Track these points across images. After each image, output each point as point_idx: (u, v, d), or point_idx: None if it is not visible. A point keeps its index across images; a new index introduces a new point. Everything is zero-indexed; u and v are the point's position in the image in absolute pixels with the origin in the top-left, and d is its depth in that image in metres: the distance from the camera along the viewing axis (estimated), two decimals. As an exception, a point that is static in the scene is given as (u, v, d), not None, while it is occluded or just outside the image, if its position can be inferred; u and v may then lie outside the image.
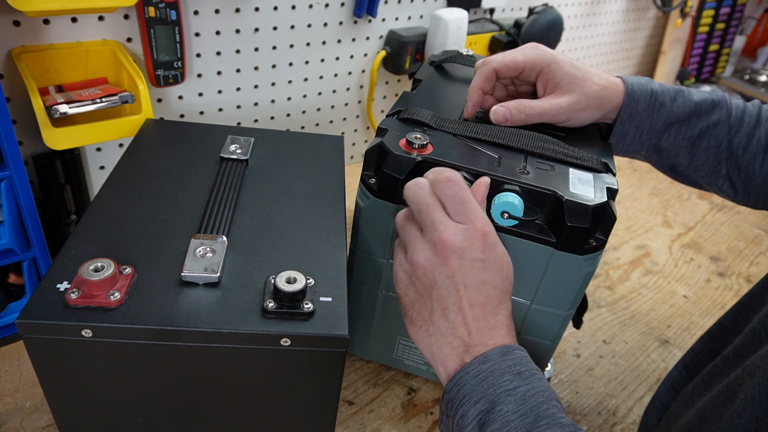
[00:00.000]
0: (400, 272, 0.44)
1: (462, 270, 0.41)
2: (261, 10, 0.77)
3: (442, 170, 0.44)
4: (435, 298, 0.42)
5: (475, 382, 0.38)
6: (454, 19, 0.89)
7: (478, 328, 0.40)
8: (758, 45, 1.68)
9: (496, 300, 0.41)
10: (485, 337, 0.40)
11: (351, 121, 0.99)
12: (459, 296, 0.41)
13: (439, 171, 0.44)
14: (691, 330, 0.76)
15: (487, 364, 0.39)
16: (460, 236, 0.41)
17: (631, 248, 0.92)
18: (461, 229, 0.42)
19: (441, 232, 0.41)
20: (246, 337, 0.39)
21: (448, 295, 0.41)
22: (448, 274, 0.41)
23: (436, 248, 0.41)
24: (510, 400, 0.37)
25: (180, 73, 0.71)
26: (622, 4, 1.36)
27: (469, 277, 0.41)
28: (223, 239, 0.45)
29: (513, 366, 0.39)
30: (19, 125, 0.64)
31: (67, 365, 0.39)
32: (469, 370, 0.39)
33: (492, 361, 0.39)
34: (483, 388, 0.38)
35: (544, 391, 0.38)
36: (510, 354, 0.39)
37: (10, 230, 0.54)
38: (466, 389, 0.38)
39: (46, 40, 0.63)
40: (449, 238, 0.41)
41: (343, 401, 0.59)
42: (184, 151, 0.57)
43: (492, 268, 0.42)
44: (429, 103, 0.57)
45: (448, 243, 0.41)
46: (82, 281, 0.38)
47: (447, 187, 0.43)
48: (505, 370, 0.38)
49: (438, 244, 0.41)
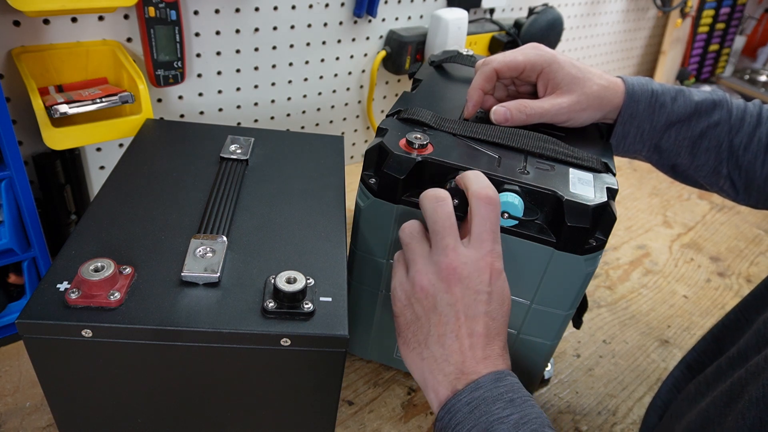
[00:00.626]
0: (398, 290, 0.44)
1: (465, 300, 0.41)
2: (261, 10, 0.77)
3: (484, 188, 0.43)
4: (433, 322, 0.41)
5: (467, 410, 0.38)
6: (454, 19, 0.89)
7: (473, 356, 0.40)
8: (758, 45, 1.68)
9: (494, 331, 0.41)
10: (479, 366, 0.40)
11: (351, 121, 0.99)
12: (458, 324, 0.40)
13: (482, 187, 0.43)
14: (691, 330, 0.76)
15: (479, 392, 0.39)
16: (470, 266, 0.41)
17: (631, 248, 0.92)
18: (472, 258, 0.41)
19: (451, 260, 0.41)
20: (246, 337, 0.39)
21: (447, 322, 0.41)
22: (450, 302, 0.41)
23: (442, 273, 0.41)
24: (503, 428, 0.37)
25: (180, 73, 0.71)
26: (622, 4, 1.36)
27: (471, 307, 0.41)
28: (223, 239, 0.45)
29: (505, 393, 0.39)
30: (19, 125, 0.64)
31: (67, 365, 0.39)
32: (461, 397, 0.39)
33: (484, 389, 0.39)
34: (475, 416, 0.38)
35: (536, 418, 0.38)
36: (502, 380, 0.39)
37: (10, 230, 0.54)
38: (458, 417, 0.38)
39: (46, 40, 0.63)
40: (458, 266, 0.41)
41: (343, 401, 0.59)
42: (184, 151, 0.57)
43: (495, 301, 0.41)
44: (429, 103, 0.57)
45: (456, 271, 0.41)
46: (82, 281, 0.38)
47: (485, 211, 0.42)
48: (497, 397, 0.38)
49: (445, 269, 0.41)
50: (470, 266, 0.41)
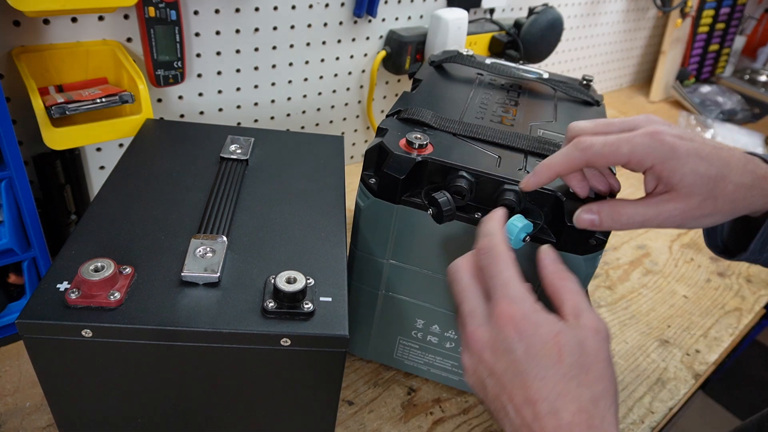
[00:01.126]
0: (464, 360, 0.40)
1: (499, 365, 0.37)
2: (261, 10, 0.77)
3: (482, 234, 0.41)
4: (491, 396, 0.38)
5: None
6: (454, 19, 0.89)
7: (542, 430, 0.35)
8: (758, 45, 1.68)
9: (553, 393, 0.35)
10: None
11: (351, 121, 0.99)
12: (510, 395, 0.36)
13: (483, 234, 0.40)
14: (691, 330, 0.76)
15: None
16: (487, 326, 0.38)
17: (631, 248, 0.92)
18: (487, 317, 0.38)
19: (468, 325, 0.39)
20: (246, 337, 0.39)
21: (500, 394, 0.37)
22: (489, 372, 0.38)
23: (470, 344, 0.38)
24: None
25: (180, 73, 0.71)
26: (622, 4, 1.36)
27: (510, 371, 0.36)
28: (223, 239, 0.45)
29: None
30: (19, 125, 0.64)
31: (67, 365, 0.39)
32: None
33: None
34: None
35: None
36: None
37: (10, 230, 0.54)
38: None
39: (46, 40, 0.63)
40: (475, 330, 0.38)
41: (343, 401, 0.59)
42: (184, 151, 0.57)
43: (535, 357, 0.36)
44: (429, 103, 0.57)
45: (476, 336, 0.38)
46: (82, 281, 0.38)
47: (481, 258, 0.39)
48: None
49: (469, 339, 0.38)
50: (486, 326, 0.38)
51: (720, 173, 0.40)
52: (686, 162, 0.40)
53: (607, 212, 0.42)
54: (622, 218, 0.42)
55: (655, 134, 0.40)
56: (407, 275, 0.53)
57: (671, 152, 0.40)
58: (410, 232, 0.50)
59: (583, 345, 0.36)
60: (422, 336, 0.57)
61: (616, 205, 0.42)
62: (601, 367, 0.36)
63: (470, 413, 0.60)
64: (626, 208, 0.42)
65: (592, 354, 0.36)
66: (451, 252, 0.50)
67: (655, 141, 0.40)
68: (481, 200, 0.48)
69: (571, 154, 0.42)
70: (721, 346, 0.74)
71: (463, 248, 0.49)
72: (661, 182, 0.41)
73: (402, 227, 0.50)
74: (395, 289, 0.55)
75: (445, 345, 0.57)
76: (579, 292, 0.40)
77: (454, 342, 0.57)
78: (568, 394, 0.35)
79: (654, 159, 0.40)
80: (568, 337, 0.36)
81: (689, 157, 0.40)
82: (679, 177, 0.40)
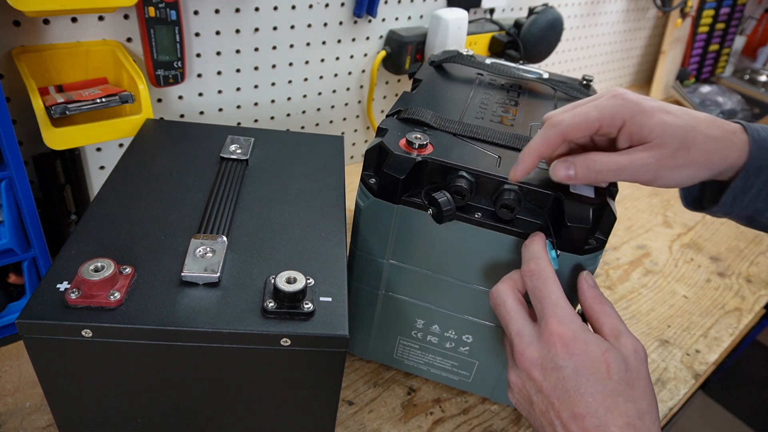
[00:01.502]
0: (511, 378, 0.43)
1: (547, 382, 0.38)
2: (261, 10, 0.77)
3: (529, 257, 0.42)
4: (538, 413, 0.39)
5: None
6: (454, 19, 0.89)
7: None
8: (758, 45, 1.68)
9: (602, 408, 0.36)
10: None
11: (351, 121, 0.99)
12: (557, 411, 0.38)
13: (529, 257, 0.42)
14: (691, 330, 0.76)
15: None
16: (536, 345, 0.39)
17: (631, 248, 0.92)
18: (537, 336, 0.40)
19: (516, 345, 0.40)
20: (246, 337, 0.39)
21: (547, 410, 0.38)
22: (537, 389, 0.39)
23: (519, 362, 0.40)
24: None
25: (180, 73, 0.71)
26: (622, 4, 1.36)
27: (558, 388, 0.38)
28: (223, 239, 0.45)
29: None
30: (19, 125, 0.64)
31: (67, 365, 0.39)
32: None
33: None
34: None
35: None
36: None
37: (10, 230, 0.54)
38: None
39: (46, 40, 0.63)
40: (524, 350, 0.40)
41: (343, 401, 0.59)
42: (184, 151, 0.57)
43: (584, 374, 0.37)
44: (429, 103, 0.57)
45: (525, 355, 0.39)
46: (82, 281, 0.38)
47: (528, 280, 0.41)
48: None
49: (518, 358, 0.40)
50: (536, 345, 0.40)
51: (688, 124, 0.41)
52: (653, 115, 0.41)
53: (581, 162, 0.43)
54: (596, 165, 0.42)
55: (618, 95, 0.42)
56: (407, 275, 0.53)
57: (637, 107, 0.41)
58: (410, 232, 0.50)
59: (627, 363, 0.38)
60: (422, 336, 0.57)
61: (590, 156, 0.43)
62: (644, 383, 0.38)
63: (470, 413, 0.60)
64: (600, 157, 0.42)
65: (635, 371, 0.38)
66: (451, 252, 0.50)
67: (620, 100, 0.42)
68: (481, 200, 0.48)
69: (546, 133, 0.43)
70: (721, 346, 0.74)
71: (463, 248, 0.49)
72: (633, 138, 0.42)
73: (402, 227, 0.50)
74: (395, 289, 0.55)
75: (445, 345, 0.57)
76: (616, 315, 0.42)
77: (454, 342, 0.57)
78: (616, 409, 0.36)
79: (623, 116, 0.41)
80: (615, 355, 0.38)
81: (655, 111, 0.41)
82: (648, 129, 0.41)
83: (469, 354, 0.57)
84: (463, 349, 0.57)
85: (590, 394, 0.36)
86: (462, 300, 0.53)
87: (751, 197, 0.43)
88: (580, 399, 0.37)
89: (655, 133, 0.41)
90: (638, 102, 0.42)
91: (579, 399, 0.37)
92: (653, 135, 0.41)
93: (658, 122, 0.41)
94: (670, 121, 0.41)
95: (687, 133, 0.41)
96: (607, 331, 0.41)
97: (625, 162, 0.42)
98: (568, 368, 0.38)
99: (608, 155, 0.42)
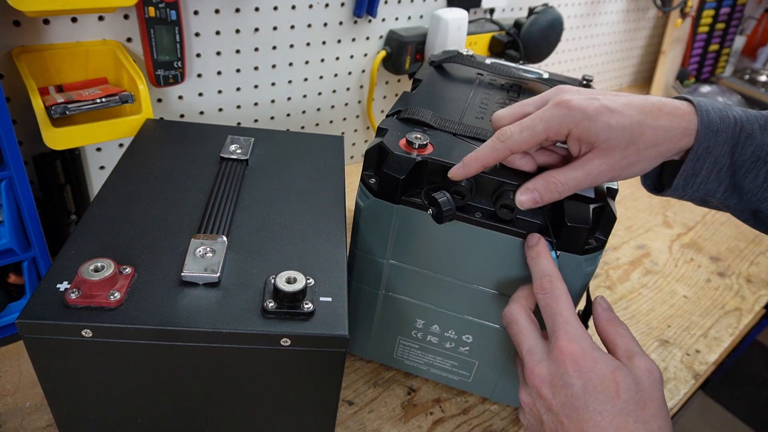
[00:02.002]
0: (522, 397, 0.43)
1: (557, 400, 0.38)
2: (261, 10, 0.77)
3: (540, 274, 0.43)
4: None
5: None
6: (454, 19, 0.89)
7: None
8: (758, 45, 1.68)
9: (611, 428, 0.36)
10: None
11: (351, 121, 0.99)
12: (566, 430, 0.38)
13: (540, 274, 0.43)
14: (691, 330, 0.76)
15: None
16: (545, 362, 0.39)
17: (631, 248, 0.92)
18: (547, 353, 0.40)
19: (527, 362, 0.40)
20: (246, 337, 0.39)
21: (556, 429, 0.38)
22: (546, 407, 0.39)
23: (529, 380, 0.40)
24: None
25: (180, 73, 0.71)
26: (622, 4, 1.36)
27: (567, 406, 0.38)
28: (223, 239, 0.45)
29: None
30: (19, 125, 0.64)
31: (67, 365, 0.39)
32: None
33: None
34: None
35: None
36: None
37: (10, 230, 0.54)
38: None
39: (46, 40, 0.63)
40: (534, 367, 0.40)
41: (343, 401, 0.59)
42: (184, 151, 0.57)
43: (593, 392, 0.37)
44: (429, 103, 0.57)
45: (535, 372, 0.40)
46: (82, 281, 0.38)
47: (540, 298, 0.41)
48: None
49: (528, 375, 0.40)
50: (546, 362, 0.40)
51: (634, 120, 0.41)
52: (597, 119, 0.41)
53: (542, 185, 0.43)
54: (558, 187, 0.43)
55: (561, 103, 0.42)
56: (407, 275, 0.53)
57: (581, 114, 0.42)
58: (410, 232, 0.50)
59: (638, 383, 0.38)
60: (422, 336, 0.57)
61: (548, 177, 0.43)
62: (657, 405, 0.37)
63: (470, 413, 0.60)
64: (558, 176, 0.43)
65: (647, 392, 0.38)
66: (451, 252, 0.50)
67: (563, 109, 0.42)
68: (481, 200, 0.48)
69: (495, 146, 0.44)
70: (721, 346, 0.74)
71: (463, 248, 0.49)
72: (582, 144, 0.43)
73: (402, 227, 0.50)
74: (395, 289, 0.55)
75: (445, 345, 0.57)
76: (631, 337, 0.43)
77: (454, 342, 0.57)
78: (625, 428, 0.36)
79: (568, 125, 0.42)
80: (625, 373, 0.38)
81: (599, 114, 0.41)
82: (594, 134, 0.42)
83: (469, 354, 0.57)
84: (463, 349, 0.57)
85: (599, 412, 0.36)
86: (462, 300, 0.53)
87: (702, 179, 0.44)
88: (589, 418, 0.36)
89: (602, 137, 0.42)
90: (582, 107, 0.42)
91: (588, 417, 0.36)
92: (600, 140, 0.42)
93: (603, 126, 0.41)
94: (614, 123, 0.41)
95: (633, 130, 0.41)
96: (621, 352, 0.41)
97: (581, 176, 0.43)
98: (576, 386, 0.37)
99: (565, 172, 0.43)
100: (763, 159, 0.42)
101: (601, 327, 0.44)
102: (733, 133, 0.42)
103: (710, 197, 0.45)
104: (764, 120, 0.43)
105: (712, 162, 0.43)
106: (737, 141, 0.42)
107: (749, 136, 0.42)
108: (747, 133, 0.42)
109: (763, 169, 0.42)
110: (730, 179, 0.44)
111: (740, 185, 0.44)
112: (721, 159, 0.43)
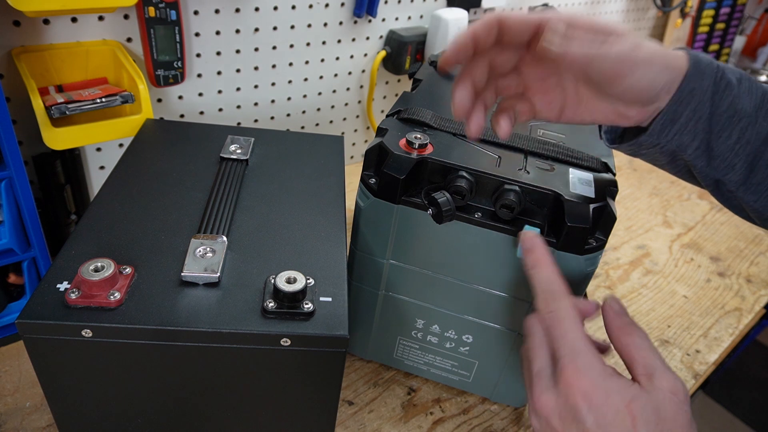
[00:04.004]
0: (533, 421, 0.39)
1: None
2: (261, 10, 0.77)
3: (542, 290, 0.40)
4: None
5: None
6: (454, 19, 0.89)
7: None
8: (758, 45, 1.68)
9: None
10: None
11: (351, 121, 0.99)
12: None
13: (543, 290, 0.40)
14: (691, 330, 0.76)
15: None
16: (552, 391, 0.37)
17: (631, 248, 0.92)
18: (554, 382, 0.37)
19: (535, 385, 0.38)
20: (246, 337, 0.39)
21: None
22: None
23: (536, 406, 0.37)
24: None
25: (180, 73, 0.71)
26: (622, 4, 1.36)
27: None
28: (223, 239, 0.45)
29: None
30: (19, 125, 0.64)
31: (67, 365, 0.39)
32: None
33: None
34: None
35: None
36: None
37: (10, 230, 0.54)
38: None
39: (46, 40, 0.63)
40: (541, 395, 0.37)
41: (343, 401, 0.59)
42: (184, 151, 0.57)
43: (606, 427, 0.34)
44: (429, 103, 0.57)
45: (542, 401, 0.37)
46: (82, 281, 0.38)
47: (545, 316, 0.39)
48: None
49: (536, 400, 0.37)
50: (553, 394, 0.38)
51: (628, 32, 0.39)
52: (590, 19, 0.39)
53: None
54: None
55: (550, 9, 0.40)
56: (407, 275, 0.53)
57: (573, 15, 0.39)
58: (410, 232, 0.50)
59: (659, 411, 0.35)
60: (422, 336, 0.57)
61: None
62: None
63: (470, 413, 0.60)
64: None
65: (669, 420, 0.35)
66: (451, 252, 0.50)
67: (555, 11, 0.40)
68: (481, 200, 0.48)
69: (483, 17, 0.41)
70: (721, 346, 0.74)
71: (463, 248, 0.49)
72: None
73: (402, 227, 0.50)
74: (395, 289, 0.55)
75: (445, 345, 0.57)
76: (650, 348, 0.38)
77: (454, 342, 0.57)
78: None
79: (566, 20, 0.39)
80: (643, 403, 0.35)
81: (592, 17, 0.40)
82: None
83: (469, 354, 0.57)
84: (463, 349, 0.57)
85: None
86: (462, 300, 0.53)
87: (679, 127, 0.41)
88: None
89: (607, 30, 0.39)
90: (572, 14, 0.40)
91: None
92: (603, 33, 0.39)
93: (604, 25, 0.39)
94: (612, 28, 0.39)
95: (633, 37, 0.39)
96: (640, 370, 0.37)
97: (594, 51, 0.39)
98: (589, 421, 0.34)
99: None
100: (738, 114, 0.40)
101: (615, 337, 0.40)
102: (715, 78, 0.40)
103: (681, 153, 0.42)
104: (739, 74, 0.41)
105: (693, 109, 0.40)
106: (717, 88, 0.40)
107: (728, 84, 0.40)
108: (726, 81, 0.40)
109: (737, 127, 0.40)
110: (705, 134, 0.41)
111: (712, 147, 0.41)
112: (702, 106, 0.40)
